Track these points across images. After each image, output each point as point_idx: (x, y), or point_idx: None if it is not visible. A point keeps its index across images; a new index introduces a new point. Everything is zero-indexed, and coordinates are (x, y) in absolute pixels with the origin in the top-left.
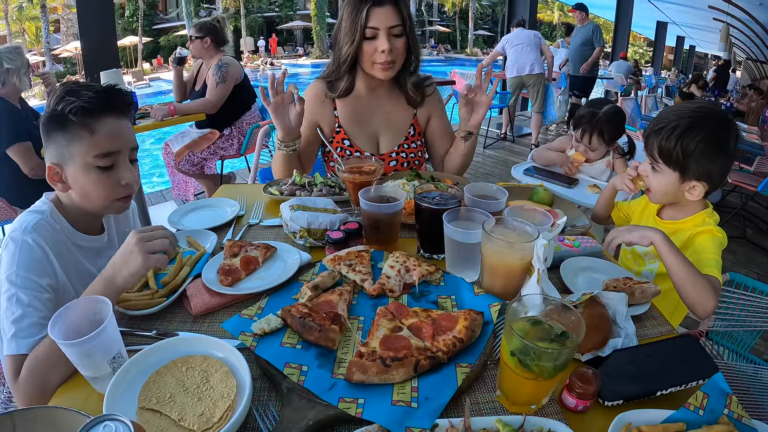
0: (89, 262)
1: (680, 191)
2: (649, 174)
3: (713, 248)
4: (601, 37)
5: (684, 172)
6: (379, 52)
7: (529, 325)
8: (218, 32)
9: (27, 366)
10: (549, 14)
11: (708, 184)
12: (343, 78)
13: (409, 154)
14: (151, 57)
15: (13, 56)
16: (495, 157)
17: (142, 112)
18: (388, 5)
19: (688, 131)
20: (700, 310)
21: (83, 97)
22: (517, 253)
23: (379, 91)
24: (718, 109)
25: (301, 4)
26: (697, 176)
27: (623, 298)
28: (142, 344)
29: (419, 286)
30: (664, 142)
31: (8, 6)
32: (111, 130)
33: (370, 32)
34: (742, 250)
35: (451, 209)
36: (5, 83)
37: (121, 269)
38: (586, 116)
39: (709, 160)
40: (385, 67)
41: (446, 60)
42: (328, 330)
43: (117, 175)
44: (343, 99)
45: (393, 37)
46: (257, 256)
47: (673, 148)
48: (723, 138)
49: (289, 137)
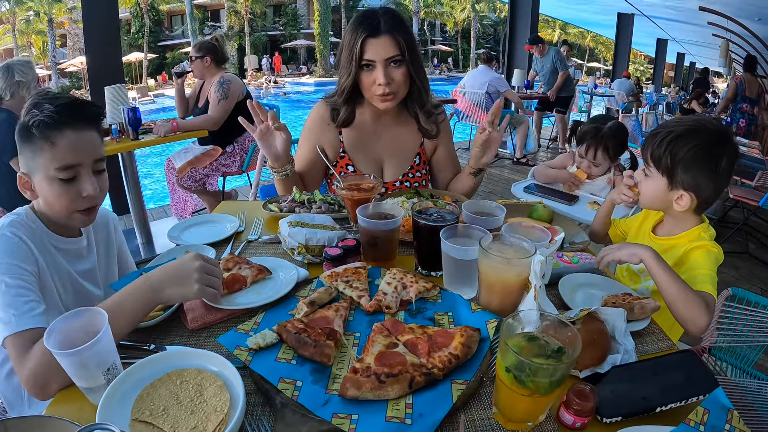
0: (68, 263)
1: (668, 199)
2: (642, 178)
3: (708, 264)
4: (562, 61)
5: (672, 179)
6: (377, 84)
7: (524, 341)
8: (218, 51)
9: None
10: (550, 33)
11: (696, 197)
12: (342, 108)
13: (413, 183)
14: (156, 73)
15: (25, 69)
16: (496, 175)
17: (145, 127)
18: (384, 35)
19: (680, 137)
20: (692, 327)
21: (45, 110)
22: (514, 269)
23: (385, 119)
24: (719, 125)
25: (305, 24)
26: (685, 185)
27: (622, 313)
28: (137, 357)
29: (416, 303)
30: (656, 147)
31: (15, 19)
32: (71, 143)
33: (367, 63)
34: (744, 265)
35: (449, 226)
36: (14, 95)
37: (172, 285)
38: (591, 131)
39: (698, 170)
40: (383, 99)
41: (448, 79)
42: (323, 345)
43: (78, 187)
44: (349, 128)
45: (391, 67)
46: (247, 276)
47: (663, 152)
48: (715, 152)
49: (278, 164)
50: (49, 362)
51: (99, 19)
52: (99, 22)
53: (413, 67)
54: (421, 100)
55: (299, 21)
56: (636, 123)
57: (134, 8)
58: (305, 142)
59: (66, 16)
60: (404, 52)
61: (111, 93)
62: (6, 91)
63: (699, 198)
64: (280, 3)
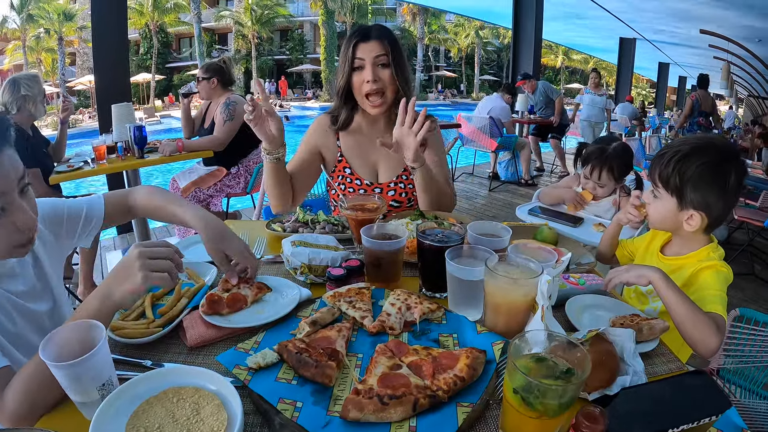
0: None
1: (678, 219)
2: (650, 200)
3: (717, 284)
4: (553, 89)
5: (681, 199)
6: (365, 81)
7: (532, 362)
8: (224, 73)
9: (13, 385)
10: (553, 59)
11: (707, 216)
12: (341, 111)
13: (407, 185)
14: (163, 94)
15: (31, 83)
16: (500, 200)
17: (151, 146)
18: (373, 40)
19: (687, 156)
20: (702, 349)
21: None
22: (521, 290)
23: (379, 125)
24: (726, 141)
25: (311, 49)
26: (695, 205)
27: (631, 334)
28: (135, 372)
29: (420, 324)
30: (663, 167)
31: (26, 35)
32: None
33: (358, 62)
34: (750, 286)
35: (454, 246)
36: (20, 109)
37: (119, 285)
38: (595, 152)
39: (707, 188)
40: (374, 101)
41: (452, 105)
42: (324, 366)
43: (10, 219)
44: (346, 131)
45: (378, 67)
46: (247, 295)
47: (672, 172)
48: (723, 168)
49: (272, 146)
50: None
51: (109, 40)
52: (109, 42)
53: (397, 71)
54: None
55: (305, 46)
56: (639, 146)
57: (143, 29)
58: (302, 145)
59: (76, 35)
60: (389, 55)
61: (118, 111)
62: (12, 105)
63: (709, 217)
64: (286, 28)
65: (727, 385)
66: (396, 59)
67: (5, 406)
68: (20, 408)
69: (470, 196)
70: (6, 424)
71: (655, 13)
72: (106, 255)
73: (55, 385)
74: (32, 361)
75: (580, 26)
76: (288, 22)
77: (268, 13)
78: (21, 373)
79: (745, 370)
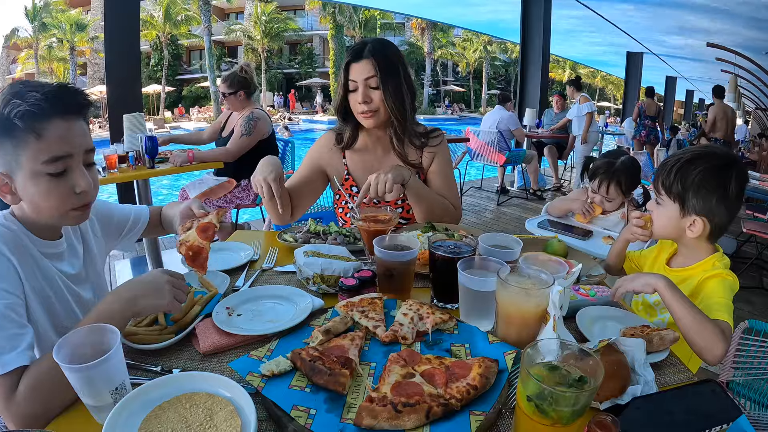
0: (51, 262)
1: (681, 226)
2: (654, 208)
3: (723, 292)
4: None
5: (683, 205)
6: (358, 103)
7: (545, 370)
8: (250, 84)
9: (28, 384)
10: (560, 73)
11: (709, 221)
12: (345, 130)
13: None
14: (173, 106)
15: None
16: (508, 214)
17: (162, 157)
18: (364, 60)
19: (688, 162)
20: (708, 356)
21: (29, 99)
22: (533, 300)
23: (384, 141)
24: (725, 150)
25: (320, 62)
26: (697, 210)
27: (641, 344)
28: (146, 379)
29: (432, 335)
30: (666, 175)
31: (39, 45)
32: (60, 133)
33: (352, 85)
34: (759, 300)
35: (466, 257)
36: None
37: (146, 297)
38: (603, 166)
39: (708, 193)
40: (365, 116)
41: (460, 119)
42: (338, 374)
43: (70, 182)
44: (352, 150)
45: (369, 89)
46: (211, 220)
47: (673, 179)
48: (723, 173)
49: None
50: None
51: (121, 51)
52: (121, 53)
53: (387, 91)
54: (394, 126)
55: (314, 60)
56: (647, 159)
57: (155, 41)
58: (306, 162)
59: (87, 46)
60: (378, 76)
61: (130, 121)
62: None
63: (711, 222)
64: (296, 42)
65: (737, 398)
66: (386, 79)
67: (19, 406)
68: (33, 408)
69: (478, 210)
70: (18, 424)
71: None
72: (115, 264)
73: (69, 387)
74: (46, 361)
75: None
76: (297, 36)
77: (277, 27)
78: (34, 373)
79: (755, 382)
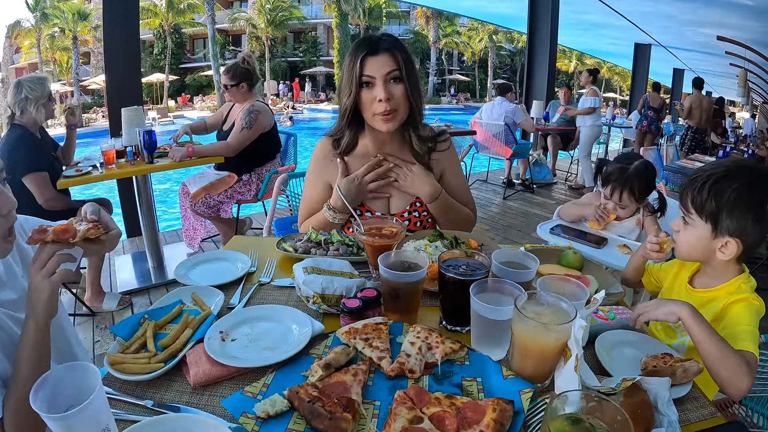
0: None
1: (711, 248)
2: (681, 228)
3: (749, 319)
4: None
5: (716, 224)
6: (377, 100)
7: (568, 425)
8: (252, 75)
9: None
10: (567, 63)
11: (742, 242)
12: (345, 133)
13: (421, 212)
14: (176, 95)
15: (34, 86)
16: (514, 208)
17: (161, 151)
18: (383, 54)
19: (722, 179)
20: (731, 389)
21: None
22: (552, 335)
23: (387, 148)
24: (760, 165)
25: (324, 51)
26: (731, 231)
27: (666, 383)
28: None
29: (442, 366)
30: (697, 192)
31: (41, 34)
32: None
33: (367, 79)
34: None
35: (479, 280)
36: (24, 111)
37: (36, 304)
38: (615, 172)
39: (744, 213)
40: (385, 118)
41: (465, 108)
42: (339, 419)
43: None
44: (352, 157)
45: (391, 83)
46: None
47: (706, 197)
48: (760, 191)
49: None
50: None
51: (120, 40)
52: (120, 43)
53: (411, 86)
54: (415, 123)
55: (319, 48)
56: (657, 155)
57: (158, 30)
58: (311, 179)
59: (90, 35)
60: (402, 70)
61: (128, 115)
62: (16, 107)
63: (744, 243)
64: (300, 30)
65: (749, 414)
66: (409, 75)
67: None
68: None
69: (484, 204)
70: None
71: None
72: (114, 259)
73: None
74: (24, 400)
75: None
76: (302, 24)
77: (282, 15)
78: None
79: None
